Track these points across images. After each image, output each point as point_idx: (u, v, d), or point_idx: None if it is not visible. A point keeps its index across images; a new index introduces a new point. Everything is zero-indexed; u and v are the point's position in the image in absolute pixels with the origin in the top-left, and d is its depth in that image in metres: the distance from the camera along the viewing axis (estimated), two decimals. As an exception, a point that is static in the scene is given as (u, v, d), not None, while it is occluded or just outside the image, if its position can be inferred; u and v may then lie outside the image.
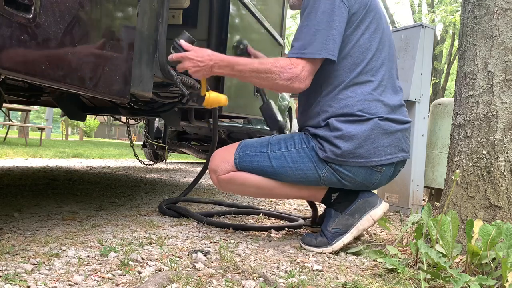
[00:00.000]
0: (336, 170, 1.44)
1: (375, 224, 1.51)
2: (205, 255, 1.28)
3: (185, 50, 1.50)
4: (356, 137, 1.40)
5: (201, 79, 1.58)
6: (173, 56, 1.52)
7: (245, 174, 1.53)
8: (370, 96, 1.43)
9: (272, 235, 1.71)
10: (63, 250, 1.24)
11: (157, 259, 1.23)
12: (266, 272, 1.17)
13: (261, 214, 2.13)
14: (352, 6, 1.43)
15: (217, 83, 2.31)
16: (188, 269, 1.16)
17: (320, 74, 1.46)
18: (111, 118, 6.80)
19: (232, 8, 2.28)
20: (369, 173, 1.44)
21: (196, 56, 1.47)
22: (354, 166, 1.42)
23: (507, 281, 1.05)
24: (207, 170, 1.77)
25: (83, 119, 3.01)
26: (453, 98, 1.58)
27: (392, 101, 1.48)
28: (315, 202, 1.65)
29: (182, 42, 1.52)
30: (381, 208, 1.48)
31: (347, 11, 1.41)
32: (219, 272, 1.14)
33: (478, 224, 1.22)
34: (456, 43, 12.98)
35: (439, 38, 14.65)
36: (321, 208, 2.65)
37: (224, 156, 1.57)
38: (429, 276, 1.12)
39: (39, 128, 9.91)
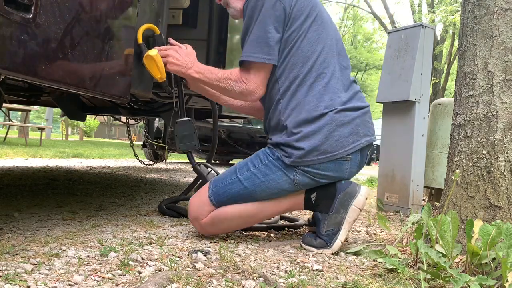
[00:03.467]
0: (306, 171, 1.45)
1: (362, 211, 1.50)
2: (205, 255, 1.28)
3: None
4: (316, 135, 1.42)
5: (170, 72, 1.62)
6: (161, 48, 1.58)
7: (225, 208, 1.51)
8: (324, 89, 1.46)
9: (272, 235, 1.71)
10: (63, 250, 1.24)
11: (157, 259, 1.23)
12: (266, 272, 1.17)
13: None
14: (291, 2, 1.46)
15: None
16: (188, 269, 1.16)
17: (275, 78, 1.50)
18: (111, 118, 6.80)
19: (232, 8, 2.27)
20: (338, 165, 1.45)
21: (184, 53, 1.58)
22: (321, 162, 1.43)
23: (507, 281, 1.05)
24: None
25: (83, 119, 3.02)
26: (453, 98, 1.58)
27: (346, 92, 1.51)
28: (299, 210, 1.65)
29: (172, 40, 1.65)
30: (363, 194, 1.49)
31: (283, 9, 1.45)
32: (219, 272, 1.14)
33: (478, 224, 1.22)
34: (456, 43, 12.97)
35: (439, 38, 14.65)
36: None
37: (200, 200, 1.54)
38: (429, 276, 1.12)
39: (39, 128, 9.92)
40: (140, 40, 1.50)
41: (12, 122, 9.69)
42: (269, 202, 1.52)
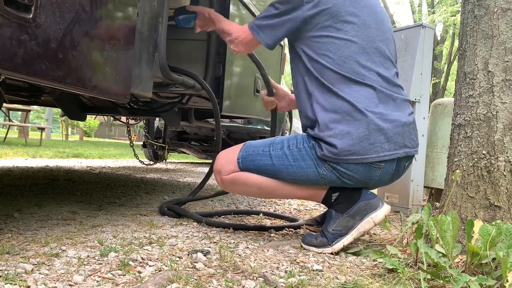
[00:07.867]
0: (335, 168, 1.44)
1: (376, 226, 1.50)
2: (205, 255, 1.28)
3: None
4: (350, 134, 1.40)
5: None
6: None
7: (247, 174, 1.55)
8: (363, 90, 1.42)
9: (272, 235, 1.71)
10: (63, 250, 1.24)
11: (157, 259, 1.23)
12: (266, 272, 1.17)
13: (261, 214, 2.13)
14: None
15: (217, 83, 2.31)
16: (188, 269, 1.16)
17: (310, 74, 1.49)
18: (111, 118, 6.81)
19: (232, 8, 2.28)
20: (368, 170, 1.43)
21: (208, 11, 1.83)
22: (351, 163, 1.42)
23: (507, 281, 1.05)
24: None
25: (83, 119, 3.01)
26: (453, 98, 1.58)
27: (387, 97, 1.46)
28: (316, 202, 1.66)
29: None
30: (383, 211, 1.47)
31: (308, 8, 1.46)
32: (219, 272, 1.14)
33: (478, 224, 1.22)
34: (456, 43, 12.97)
35: (439, 38, 14.66)
36: (321, 208, 2.65)
37: (228, 157, 1.59)
38: (429, 276, 1.12)
39: (39, 128, 9.92)
40: None
41: (12, 122, 9.69)
42: (290, 185, 1.54)
